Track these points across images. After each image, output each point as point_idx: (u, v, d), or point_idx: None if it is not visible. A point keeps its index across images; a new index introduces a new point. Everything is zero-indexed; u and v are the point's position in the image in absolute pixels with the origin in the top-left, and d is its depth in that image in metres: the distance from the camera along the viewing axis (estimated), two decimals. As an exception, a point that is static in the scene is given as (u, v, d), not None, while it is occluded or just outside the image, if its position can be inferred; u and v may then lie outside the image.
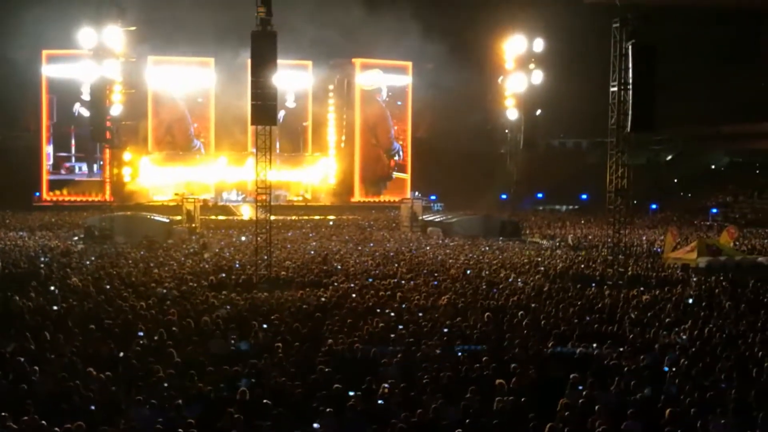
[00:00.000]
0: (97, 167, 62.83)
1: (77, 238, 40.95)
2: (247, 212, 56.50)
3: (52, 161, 64.45)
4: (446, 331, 17.71)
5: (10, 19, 57.46)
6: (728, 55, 69.67)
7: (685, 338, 17.44)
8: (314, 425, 12.03)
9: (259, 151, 29.35)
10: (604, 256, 33.47)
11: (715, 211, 62.03)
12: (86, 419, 11.60)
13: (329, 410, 12.08)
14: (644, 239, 42.33)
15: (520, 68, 52.47)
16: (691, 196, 70.05)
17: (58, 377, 13.53)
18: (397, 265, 29.82)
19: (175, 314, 18.81)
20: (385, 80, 69.98)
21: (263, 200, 29.50)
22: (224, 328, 17.71)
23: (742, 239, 40.59)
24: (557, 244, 40.72)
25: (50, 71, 63.44)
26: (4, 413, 11.62)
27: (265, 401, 12.53)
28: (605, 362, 15.23)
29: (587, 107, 57.01)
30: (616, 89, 32.71)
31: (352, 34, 62.83)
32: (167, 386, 13.33)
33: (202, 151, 66.95)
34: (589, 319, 19.39)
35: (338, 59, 68.82)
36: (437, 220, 50.12)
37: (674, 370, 14.68)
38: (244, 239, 39.85)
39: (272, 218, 30.90)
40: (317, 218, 56.83)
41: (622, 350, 16.10)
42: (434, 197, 66.06)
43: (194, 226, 45.44)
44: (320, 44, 62.52)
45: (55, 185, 64.33)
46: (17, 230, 44.18)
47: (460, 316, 19.29)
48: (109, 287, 23.27)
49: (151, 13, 51.26)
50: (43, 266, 28.11)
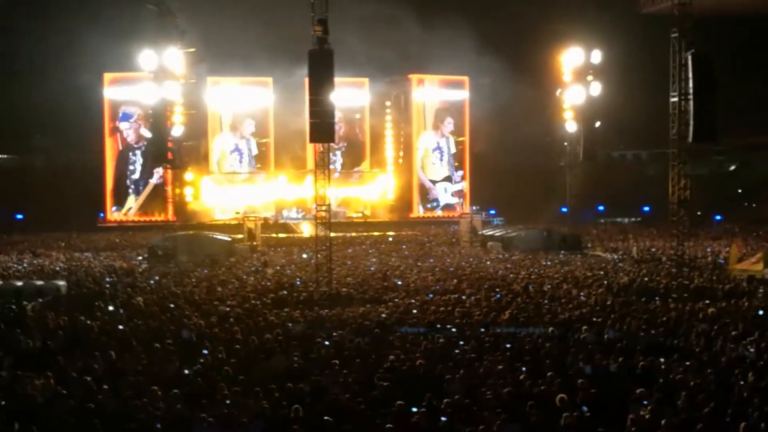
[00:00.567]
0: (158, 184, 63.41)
1: (141, 258, 41.55)
2: (307, 230, 56.81)
3: (115, 182, 65.41)
4: (508, 346, 17.61)
5: (73, 43, 58.73)
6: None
7: (752, 351, 17.07)
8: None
9: (317, 168, 29.56)
10: (668, 268, 32.98)
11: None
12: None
13: (392, 427, 12.07)
14: (709, 251, 41.58)
15: (578, 80, 52.05)
16: (755, 206, 68.75)
17: (124, 396, 13.73)
18: (456, 280, 29.74)
19: (238, 332, 18.97)
20: (442, 95, 69.95)
21: (323, 217, 29.66)
22: (287, 345, 17.82)
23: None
24: (620, 257, 40.23)
25: (112, 93, 64.58)
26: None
27: (327, 418, 12.57)
28: (671, 376, 14.99)
29: (647, 118, 56.48)
30: (676, 99, 32.32)
31: (408, 50, 63.04)
32: (231, 404, 13.43)
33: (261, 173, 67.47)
34: (654, 332, 19.11)
35: (395, 76, 69.01)
36: (497, 234, 49.89)
37: (742, 383, 14.40)
38: (305, 256, 40.08)
39: (332, 235, 31.03)
40: (377, 234, 56.92)
41: (688, 364, 15.83)
42: (494, 211, 65.75)
43: (255, 244, 45.81)
44: (376, 61, 62.79)
45: (118, 206, 65.30)
46: (82, 251, 44.96)
47: (522, 331, 19.15)
48: (173, 306, 23.55)
49: (208, 33, 51.97)
50: (108, 286, 28.58)
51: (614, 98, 54.15)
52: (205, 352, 17.13)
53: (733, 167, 77.52)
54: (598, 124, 50.96)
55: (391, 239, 53.55)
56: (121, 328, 20.15)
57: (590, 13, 57.36)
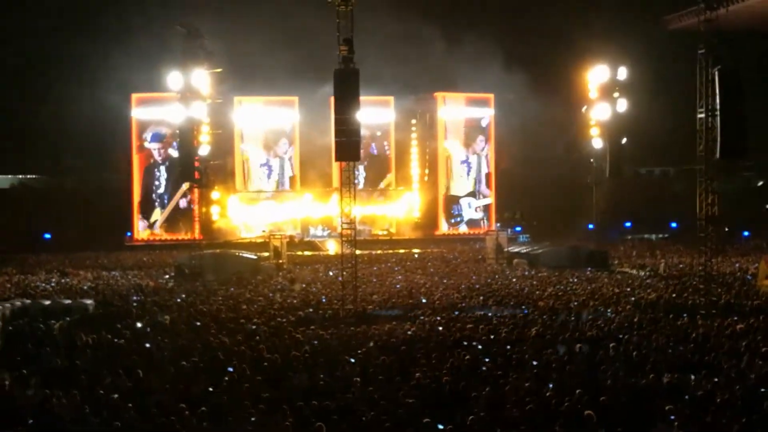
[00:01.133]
0: (185, 203, 63.84)
1: (168, 276, 41.75)
2: (332, 247, 56.91)
3: (141, 197, 65.92)
4: (535, 363, 17.53)
5: (100, 64, 59.38)
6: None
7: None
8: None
9: (343, 186, 29.64)
10: (696, 285, 32.73)
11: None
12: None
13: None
14: (737, 267, 41.21)
15: (604, 97, 51.90)
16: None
17: (151, 414, 13.78)
18: (482, 297, 29.65)
19: (264, 350, 19.01)
20: (468, 113, 69.97)
21: (348, 235, 29.71)
22: (312, 362, 17.83)
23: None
24: (647, 273, 39.95)
25: (140, 114, 65.19)
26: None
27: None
28: (699, 393, 14.85)
29: (674, 134, 56.18)
30: (703, 116, 32.16)
31: (433, 68, 63.19)
32: (256, 421, 13.45)
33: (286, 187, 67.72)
34: (682, 349, 18.96)
35: (420, 94, 69.16)
36: (523, 251, 49.68)
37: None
38: (330, 274, 40.12)
39: (357, 252, 31.06)
40: (402, 252, 56.90)
41: (716, 380, 15.69)
42: (519, 228, 65.55)
43: (281, 262, 45.91)
44: (401, 79, 63.04)
45: (145, 225, 65.79)
46: (110, 270, 45.25)
47: (548, 348, 19.08)
48: (199, 324, 23.64)
49: (233, 53, 52.40)
50: (135, 305, 28.75)
51: (641, 114, 53.97)
52: (230, 369, 17.17)
53: (761, 183, 76.91)
54: (624, 140, 50.74)
55: (416, 256, 53.48)
56: (147, 346, 20.26)
57: (616, 29, 57.23)
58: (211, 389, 15.66)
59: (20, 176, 72.12)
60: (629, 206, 65.33)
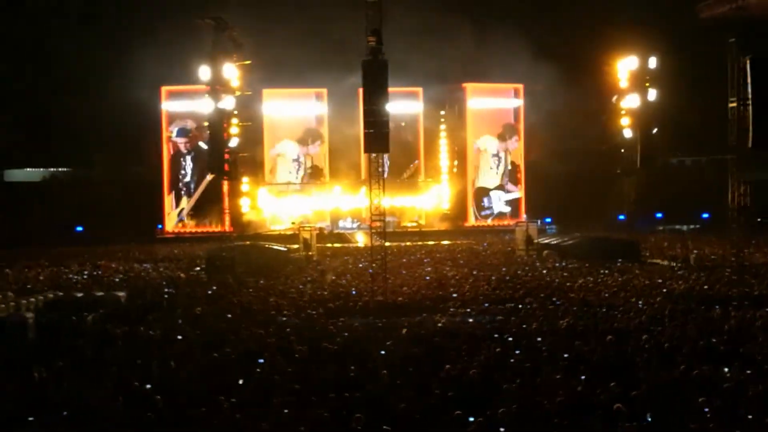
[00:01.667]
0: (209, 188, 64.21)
1: (199, 268, 41.96)
2: (361, 239, 56.95)
3: (170, 186, 66.36)
4: (566, 356, 17.43)
5: (131, 58, 59.75)
6: None
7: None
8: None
9: (372, 178, 29.61)
10: (728, 276, 32.43)
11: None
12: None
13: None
14: (770, 257, 40.82)
15: (634, 86, 51.53)
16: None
17: (182, 405, 13.85)
18: (512, 290, 29.54)
19: (294, 341, 19.05)
20: (497, 103, 69.73)
21: (377, 227, 29.70)
22: (343, 354, 17.84)
23: None
24: (678, 264, 39.61)
25: (169, 107, 65.55)
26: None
27: (385, 427, 12.54)
28: (732, 385, 14.71)
29: (705, 124, 55.65)
30: (735, 105, 31.83)
31: (461, 58, 63.00)
32: (287, 413, 13.47)
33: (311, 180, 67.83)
34: (714, 340, 18.79)
35: (449, 84, 68.95)
36: (553, 242, 49.40)
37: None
38: (360, 266, 40.12)
39: (387, 244, 31.03)
40: (431, 243, 56.81)
41: (749, 372, 15.54)
42: (549, 220, 65.27)
43: (311, 254, 45.97)
44: (430, 70, 62.89)
45: (176, 217, 66.22)
46: (141, 262, 45.54)
47: (579, 340, 18.97)
48: (230, 316, 23.73)
49: (262, 45, 52.51)
50: (166, 297, 28.91)
51: (671, 104, 53.51)
52: (261, 361, 17.23)
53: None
54: (655, 130, 50.37)
55: (446, 248, 53.37)
56: (179, 338, 20.37)
57: (646, 18, 56.75)
58: (241, 381, 15.72)
59: (51, 169, 72.79)
60: (660, 197, 64.86)
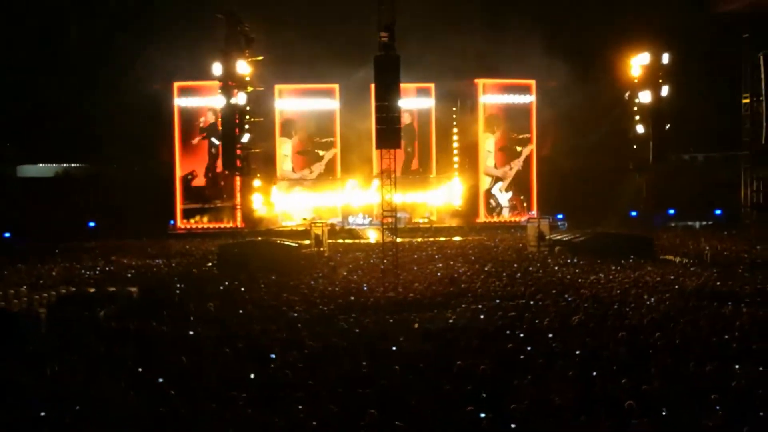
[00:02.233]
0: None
1: (211, 264, 42.03)
2: (373, 236, 56.94)
3: (185, 189, 66.53)
4: (578, 352, 17.41)
5: (143, 53, 59.83)
6: None
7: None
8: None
9: (383, 174, 29.60)
10: (740, 272, 32.32)
11: None
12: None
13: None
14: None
15: (647, 82, 51.38)
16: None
17: (194, 400, 13.90)
18: (523, 287, 29.50)
19: (305, 337, 19.09)
20: (508, 99, 69.56)
21: (389, 223, 29.69)
22: (354, 350, 17.86)
23: None
24: (691, 261, 39.49)
25: (182, 102, 65.70)
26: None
27: (397, 423, 12.56)
28: (744, 382, 14.67)
29: (719, 120, 55.40)
30: (748, 101, 31.72)
31: (474, 54, 62.84)
32: (300, 408, 13.50)
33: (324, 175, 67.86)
34: (726, 337, 18.74)
35: (461, 80, 68.80)
36: (565, 239, 49.29)
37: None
38: (372, 262, 40.12)
39: (398, 240, 31.02)
40: (442, 239, 56.75)
41: (761, 369, 15.50)
42: (561, 216, 65.10)
43: (322, 250, 45.98)
44: (442, 66, 62.80)
45: (188, 213, 66.35)
46: (154, 257, 45.64)
47: (591, 336, 18.94)
48: (242, 312, 23.78)
49: (274, 40, 52.52)
50: (178, 292, 28.99)
51: (685, 100, 53.31)
52: (273, 356, 17.27)
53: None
54: (668, 126, 50.20)
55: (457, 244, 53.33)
56: (191, 333, 20.43)
57: (659, 14, 56.54)
58: (253, 376, 15.76)
59: (64, 165, 72.98)
60: (673, 193, 64.54)
